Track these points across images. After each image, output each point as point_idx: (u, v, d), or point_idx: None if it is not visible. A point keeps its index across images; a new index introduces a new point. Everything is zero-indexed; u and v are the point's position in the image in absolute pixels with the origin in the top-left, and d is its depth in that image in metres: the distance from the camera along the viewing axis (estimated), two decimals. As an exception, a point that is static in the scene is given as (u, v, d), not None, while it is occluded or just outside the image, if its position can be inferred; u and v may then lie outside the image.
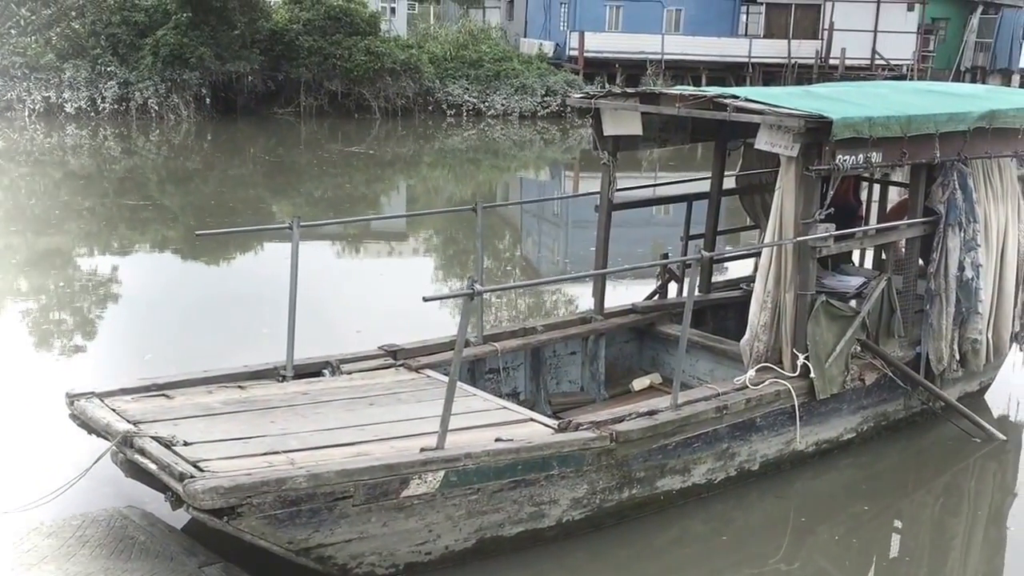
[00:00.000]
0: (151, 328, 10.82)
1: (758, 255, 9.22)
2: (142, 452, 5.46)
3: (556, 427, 6.37)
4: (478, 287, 5.36)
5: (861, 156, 6.98)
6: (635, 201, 9.24)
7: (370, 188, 23.02)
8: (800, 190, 6.96)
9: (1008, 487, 7.95)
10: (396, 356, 7.49)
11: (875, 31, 43.16)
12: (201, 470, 5.20)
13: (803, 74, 39.93)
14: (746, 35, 42.82)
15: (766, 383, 7.10)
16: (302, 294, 7.16)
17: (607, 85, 36.17)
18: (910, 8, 43.95)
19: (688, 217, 9.24)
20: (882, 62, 41.53)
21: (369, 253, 16.25)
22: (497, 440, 6.00)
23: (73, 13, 31.50)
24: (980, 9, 46.14)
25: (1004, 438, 8.20)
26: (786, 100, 7.10)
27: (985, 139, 7.75)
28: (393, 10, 48.02)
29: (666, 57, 38.51)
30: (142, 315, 11.51)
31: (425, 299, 5.39)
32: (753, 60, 40.22)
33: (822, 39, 42.19)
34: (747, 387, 7.04)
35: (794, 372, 7.22)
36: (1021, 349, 8.87)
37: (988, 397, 9.14)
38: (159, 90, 30.32)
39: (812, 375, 7.21)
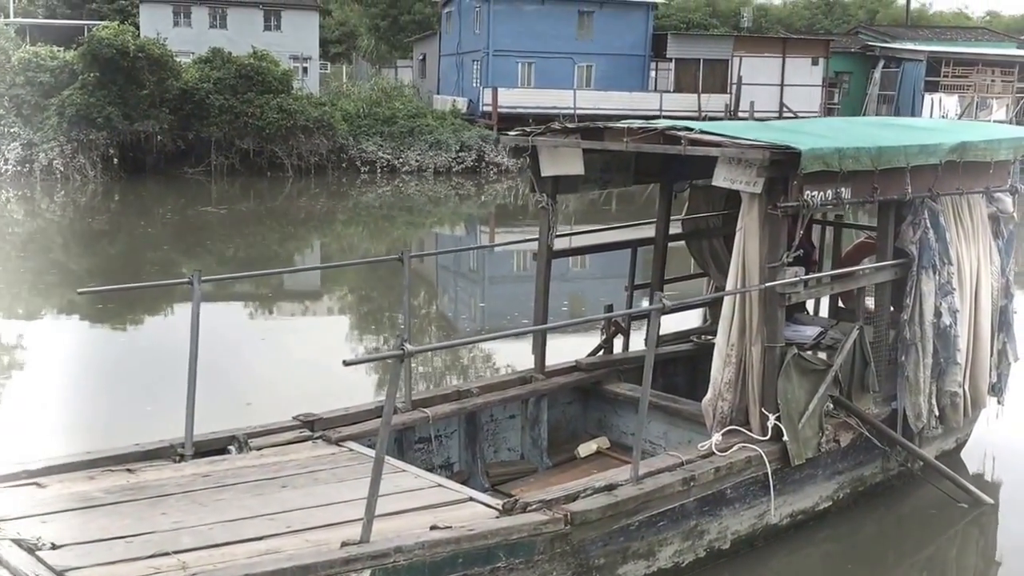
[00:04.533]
0: (35, 401, 9.61)
1: (718, 304, 8.54)
2: (-3, 560, 4.39)
3: (500, 508, 5.44)
4: (409, 347, 4.46)
5: (830, 192, 6.31)
6: (576, 248, 8.46)
7: (283, 247, 21.97)
8: (765, 231, 6.24)
9: (990, 555, 7.29)
10: (313, 427, 6.51)
11: (782, 84, 44.06)
12: (67, 584, 4.15)
13: (715, 127, 40.22)
14: (656, 90, 43.13)
15: (735, 448, 6.30)
16: (206, 359, 6.16)
17: (508, 149, 35.80)
18: (814, 62, 45.07)
19: (633, 264, 8.50)
20: (790, 114, 42.17)
21: (281, 312, 15.16)
22: (433, 528, 5.06)
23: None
24: (882, 63, 47.44)
25: (991, 502, 7.48)
26: (745, 132, 6.42)
27: (956, 174, 7.18)
28: (305, 69, 47.46)
29: (579, 111, 38.39)
30: (25, 387, 10.28)
31: (346, 363, 4.46)
32: (664, 114, 40.39)
33: (731, 92, 42.78)
34: (714, 454, 6.23)
35: (764, 435, 6.44)
36: (999, 402, 8.20)
37: (963, 455, 8.46)
38: (65, 150, 29.42)
39: (785, 438, 6.43)
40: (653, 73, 44.63)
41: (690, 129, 6.46)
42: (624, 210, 26.37)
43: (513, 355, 10.89)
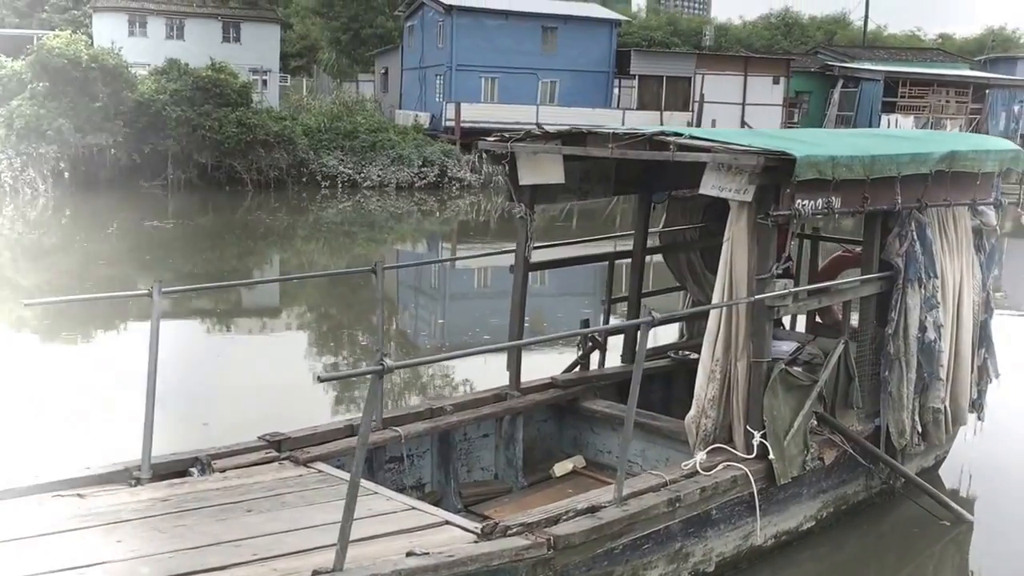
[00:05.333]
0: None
1: (696, 318, 8.33)
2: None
3: (479, 532, 5.15)
4: (389, 362, 4.17)
5: (821, 201, 6.11)
6: (553, 261, 8.20)
7: (242, 262, 21.54)
8: (754, 241, 6.03)
9: (966, 573, 7.16)
10: (280, 447, 6.18)
11: (743, 103, 44.37)
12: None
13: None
14: (618, 107, 43.19)
15: (720, 467, 6.07)
16: (159, 377, 5.80)
17: (484, 155, 35.66)
18: (775, 82, 45.49)
19: (610, 278, 8.27)
20: (751, 133, 42.48)
21: (239, 329, 14.75)
22: (410, 554, 4.75)
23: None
24: (840, 83, 47.97)
25: (972, 519, 7.36)
26: (734, 138, 6.21)
27: (944, 185, 7.04)
28: (265, 82, 46.98)
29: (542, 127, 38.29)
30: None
31: (321, 379, 4.15)
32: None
33: (693, 110, 42.96)
34: (698, 473, 5.99)
35: (749, 453, 6.22)
36: (979, 419, 8.06)
37: (939, 471, 8.32)
38: (13, 164, 28.51)
39: (771, 456, 6.21)
40: (617, 90, 44.77)
41: (679, 135, 6.24)
42: (584, 227, 26.23)
43: (475, 371, 10.63)
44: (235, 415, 9.22)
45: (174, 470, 5.77)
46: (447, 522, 5.37)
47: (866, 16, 63.00)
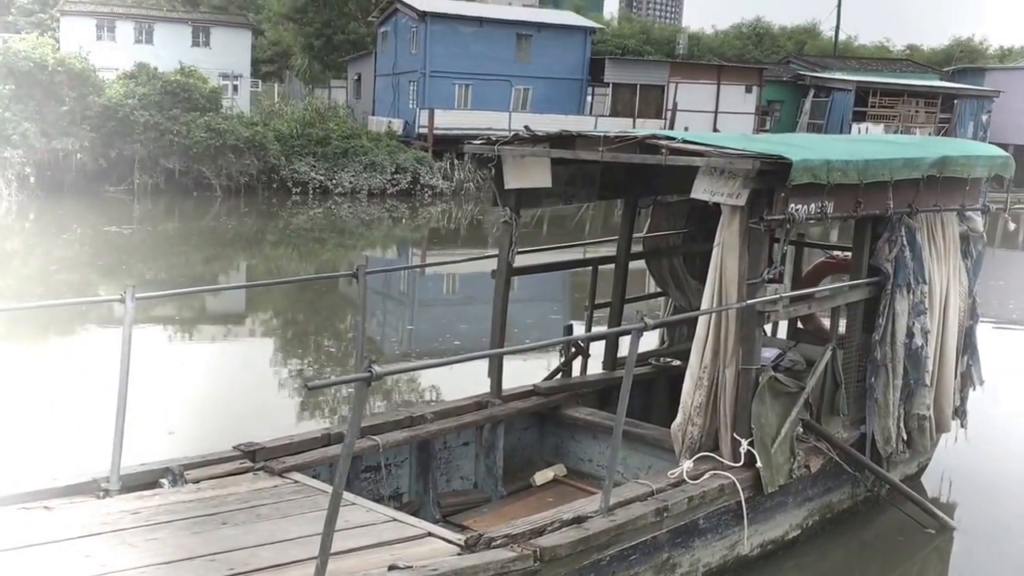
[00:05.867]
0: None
1: (679, 324, 8.22)
2: None
3: (463, 544, 4.99)
4: (377, 368, 3.99)
5: (814, 206, 6.02)
6: (537, 266, 8.05)
7: (208, 268, 21.22)
8: (745, 246, 5.92)
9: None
10: (255, 457, 5.98)
11: (716, 111, 44.52)
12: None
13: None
14: (592, 114, 43.20)
15: (707, 476, 5.95)
16: (136, 385, 5.61)
17: (456, 162, 35.59)
18: (748, 90, 45.73)
19: (593, 284, 8.14)
20: (725, 142, 42.59)
21: (204, 337, 14.44)
22: (392, 568, 4.60)
23: None
24: (812, 92, 48.29)
25: (956, 526, 7.29)
26: (726, 143, 6.10)
27: (935, 190, 6.98)
28: (236, 87, 46.58)
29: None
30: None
31: (310, 387, 3.99)
32: (600, 138, 40.48)
33: (665, 118, 43.05)
34: (685, 481, 5.86)
35: (736, 461, 6.10)
36: (963, 426, 7.99)
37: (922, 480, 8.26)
38: (-24, 168, 27.91)
39: (758, 464, 6.09)
40: (590, 98, 44.77)
41: (671, 138, 6.12)
42: (554, 233, 25.99)
43: (451, 379, 10.46)
44: (203, 424, 8.99)
45: (144, 481, 5.57)
46: (429, 534, 5.21)
47: (837, 27, 63.59)
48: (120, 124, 31.16)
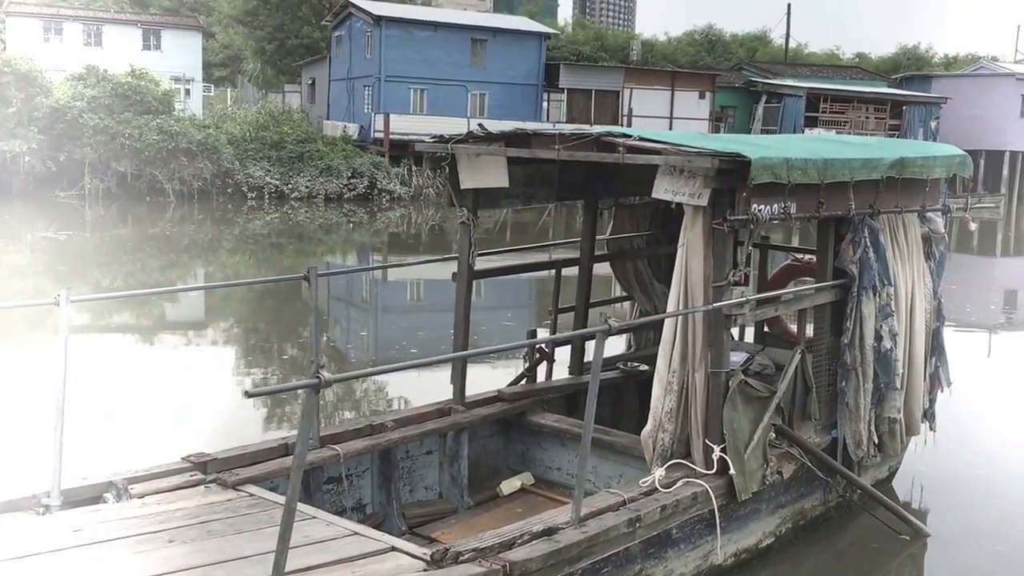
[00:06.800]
0: None
1: (645, 328, 8.05)
2: None
3: (428, 559, 4.75)
4: (326, 374, 3.73)
5: (776, 206, 5.87)
6: (498, 268, 7.83)
7: (164, 275, 20.74)
8: (710, 248, 5.75)
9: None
10: (206, 469, 5.68)
11: (671, 117, 44.76)
12: None
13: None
14: (548, 120, 43.14)
15: (679, 484, 5.76)
16: (74, 394, 5.29)
17: (413, 168, 35.33)
18: (701, 96, 46.01)
19: (557, 286, 7.93)
20: (680, 148, 42.81)
21: (158, 344, 14.05)
22: (354, 585, 4.35)
23: None
24: (764, 99, 48.68)
25: (930, 532, 7.18)
26: (686, 141, 5.92)
27: (895, 191, 6.89)
28: (188, 91, 45.88)
29: (472, 140, 38.06)
30: None
31: (249, 394, 3.68)
32: (556, 146, 40.43)
33: (621, 124, 43.05)
34: (657, 490, 5.66)
35: (709, 468, 5.92)
36: (932, 429, 7.89)
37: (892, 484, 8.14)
38: (-83, 171, 27.16)
39: (731, 471, 5.91)
40: (546, 103, 44.72)
41: (627, 136, 5.93)
42: (517, 239, 25.92)
43: (414, 385, 10.20)
44: (150, 435, 8.65)
45: (86, 496, 5.26)
46: (393, 548, 4.95)
47: (787, 34, 64.13)
48: (69, 126, 30.60)
